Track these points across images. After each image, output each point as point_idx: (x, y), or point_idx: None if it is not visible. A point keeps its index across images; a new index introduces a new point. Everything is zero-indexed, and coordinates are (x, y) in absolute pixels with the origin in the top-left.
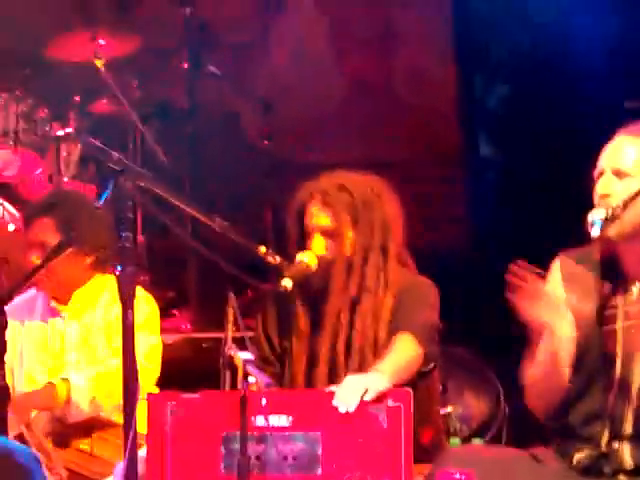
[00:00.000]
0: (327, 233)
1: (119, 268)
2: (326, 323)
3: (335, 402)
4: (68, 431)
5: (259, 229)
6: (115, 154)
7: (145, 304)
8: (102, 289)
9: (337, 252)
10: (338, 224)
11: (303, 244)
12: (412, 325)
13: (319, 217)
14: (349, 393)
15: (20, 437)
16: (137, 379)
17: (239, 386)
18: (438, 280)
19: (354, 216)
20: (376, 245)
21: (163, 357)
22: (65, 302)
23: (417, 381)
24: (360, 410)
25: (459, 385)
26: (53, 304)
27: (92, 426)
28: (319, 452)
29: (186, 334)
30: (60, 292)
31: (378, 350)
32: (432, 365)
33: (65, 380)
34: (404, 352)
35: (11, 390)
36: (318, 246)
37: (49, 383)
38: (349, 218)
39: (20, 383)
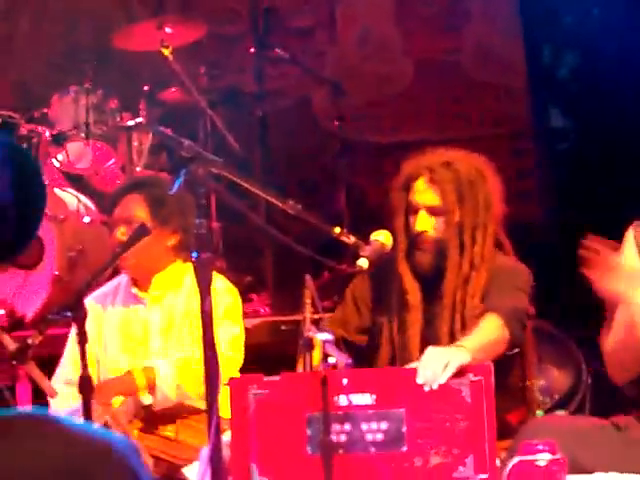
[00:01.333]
0: (433, 210)
1: (195, 255)
2: (444, 301)
3: (418, 379)
4: (153, 418)
5: (333, 211)
6: (186, 142)
7: (227, 294)
8: (183, 275)
9: (445, 230)
10: (445, 202)
11: (407, 221)
12: (501, 307)
13: (426, 194)
14: (431, 369)
15: (105, 426)
16: (217, 366)
17: (319, 367)
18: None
19: (460, 194)
20: (480, 223)
21: (244, 341)
22: (146, 288)
23: (502, 362)
24: (443, 385)
25: (541, 358)
26: (134, 290)
27: (176, 412)
28: (403, 429)
29: (265, 317)
30: (141, 273)
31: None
32: (516, 350)
33: (148, 368)
34: (489, 332)
35: (96, 381)
36: (424, 223)
37: (128, 372)
38: (455, 196)
39: (105, 371)
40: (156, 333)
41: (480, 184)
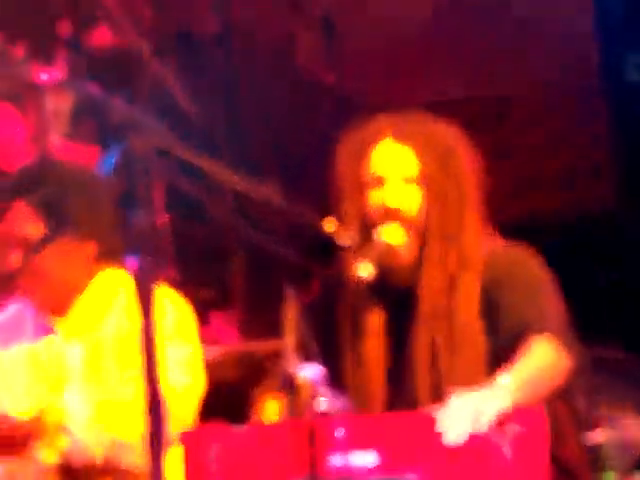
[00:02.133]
0: (408, 178)
1: (132, 260)
2: (420, 314)
3: (439, 430)
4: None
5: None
6: (121, 104)
7: (174, 307)
8: (111, 290)
9: (427, 209)
10: (423, 167)
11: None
12: (545, 324)
13: (395, 156)
14: (458, 418)
15: None
16: (162, 410)
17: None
18: (575, 251)
19: (441, 160)
20: (471, 205)
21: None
22: (62, 313)
23: (554, 399)
24: (475, 440)
25: (612, 399)
26: (43, 319)
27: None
28: None
29: (231, 346)
30: (56, 301)
31: (479, 354)
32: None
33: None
34: (543, 359)
35: None
36: (395, 195)
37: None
38: (436, 160)
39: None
40: (76, 373)
41: (463, 154)
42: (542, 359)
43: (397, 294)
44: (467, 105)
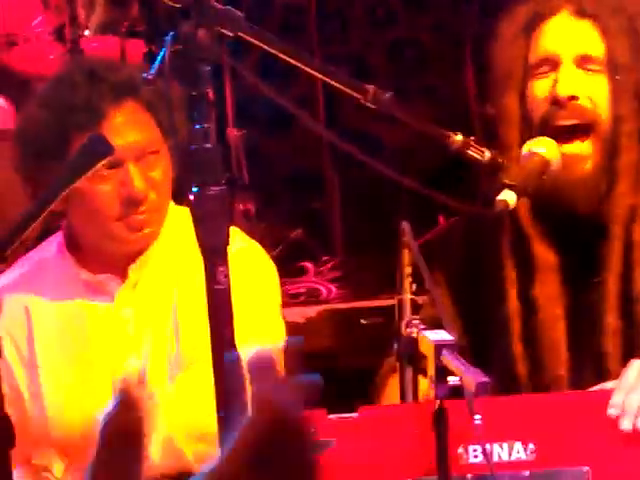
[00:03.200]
0: (590, 62)
1: (195, 190)
2: (611, 238)
3: (612, 411)
4: None
5: (455, 104)
6: None
7: (254, 264)
8: (172, 229)
9: (614, 102)
10: (612, 48)
11: (524, 94)
12: None
13: (574, 31)
14: (638, 393)
15: None
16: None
17: (431, 393)
18: None
19: (635, 41)
20: None
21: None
22: (115, 267)
23: None
24: None
25: None
26: (85, 275)
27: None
28: None
29: (330, 304)
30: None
31: None
32: None
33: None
34: None
35: (18, 419)
36: (572, 81)
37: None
38: (627, 43)
39: (38, 406)
40: (134, 342)
41: None
42: None
43: (576, 224)
44: None
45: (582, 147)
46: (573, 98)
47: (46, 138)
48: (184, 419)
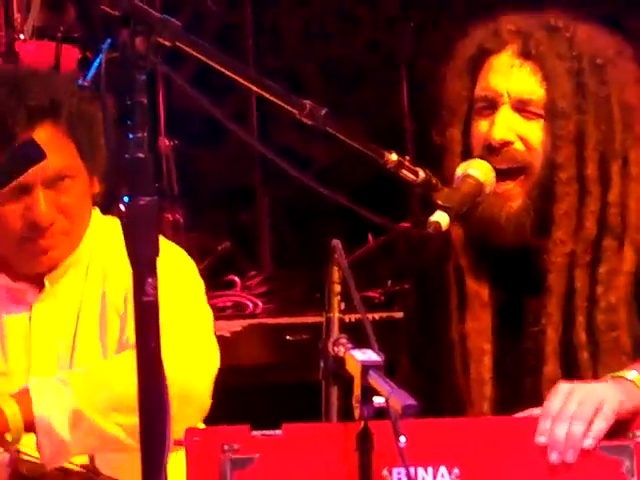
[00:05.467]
0: (527, 107)
1: (126, 200)
2: (550, 287)
3: (539, 438)
4: None
5: (389, 120)
6: None
7: (172, 264)
8: (94, 241)
9: (551, 147)
10: (552, 92)
11: (467, 130)
12: None
13: (515, 74)
14: (566, 421)
15: None
16: (165, 398)
17: (355, 414)
18: None
19: (579, 87)
20: (618, 151)
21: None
22: (33, 279)
23: None
24: (587, 452)
25: None
26: (6, 282)
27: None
28: None
29: (255, 319)
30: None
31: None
32: None
33: (21, 393)
34: None
35: None
36: (505, 127)
37: None
38: (571, 86)
39: None
40: (49, 352)
41: (615, 76)
42: None
43: (508, 258)
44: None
45: (512, 186)
46: (506, 144)
47: None
48: (99, 391)
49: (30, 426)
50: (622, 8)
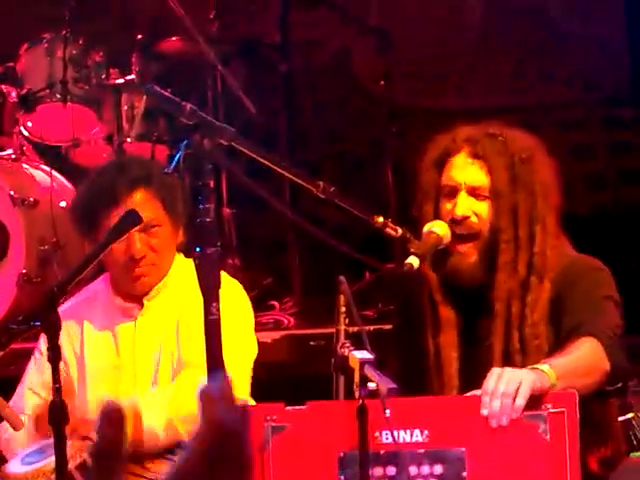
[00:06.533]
0: (478, 192)
1: (198, 250)
2: (496, 312)
3: (483, 410)
4: (142, 457)
5: (379, 195)
6: (189, 106)
7: (232, 295)
8: (179, 277)
9: (494, 220)
10: (494, 180)
11: (437, 209)
12: (595, 329)
13: (468, 170)
14: (499, 397)
15: (83, 466)
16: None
17: (356, 394)
18: (627, 258)
19: (513, 173)
20: (539, 216)
21: (260, 359)
22: (135, 297)
23: (594, 401)
24: (514, 419)
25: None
26: (119, 301)
27: (172, 450)
28: (464, 474)
29: (289, 330)
30: (148, 285)
31: (542, 349)
32: (619, 385)
33: (133, 405)
34: (583, 357)
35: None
36: (464, 206)
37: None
38: (507, 175)
39: (81, 405)
40: (148, 353)
41: (536, 165)
42: (582, 357)
43: (468, 295)
44: (514, 112)
45: (469, 247)
46: (465, 218)
47: (86, 208)
48: (181, 407)
49: (137, 428)
50: None
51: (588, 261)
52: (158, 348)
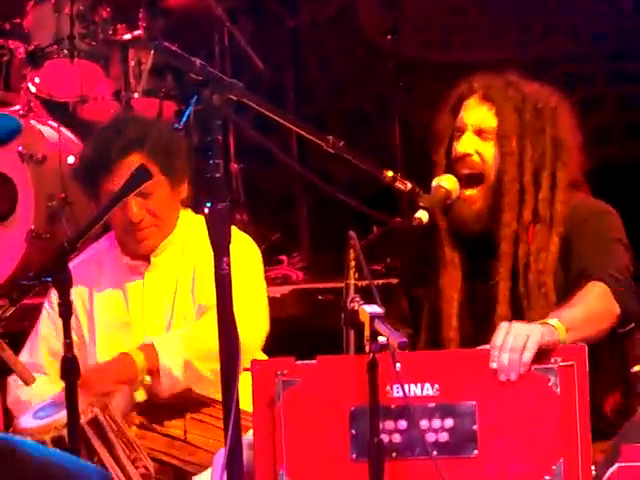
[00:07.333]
0: (483, 131)
1: (208, 205)
2: (500, 256)
3: (492, 364)
4: (155, 412)
5: (385, 149)
6: (198, 61)
7: (242, 247)
8: (187, 232)
9: (498, 161)
10: (500, 122)
11: (448, 150)
12: (603, 272)
13: (476, 111)
14: (508, 351)
15: (95, 421)
16: (237, 342)
17: (366, 348)
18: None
19: (521, 118)
20: (547, 165)
21: (270, 314)
22: (140, 254)
23: (606, 343)
24: (524, 373)
25: None
26: (127, 260)
27: (184, 405)
28: (474, 428)
29: (297, 285)
30: (152, 243)
31: (549, 299)
32: (632, 325)
33: (147, 345)
34: (593, 303)
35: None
36: (467, 144)
37: (123, 353)
38: (514, 119)
39: (93, 357)
40: (158, 308)
41: (549, 117)
42: (591, 305)
43: (474, 240)
44: (519, 64)
45: (474, 192)
46: (467, 155)
47: (85, 170)
48: (201, 345)
49: (152, 371)
50: None
51: (596, 204)
52: (169, 303)
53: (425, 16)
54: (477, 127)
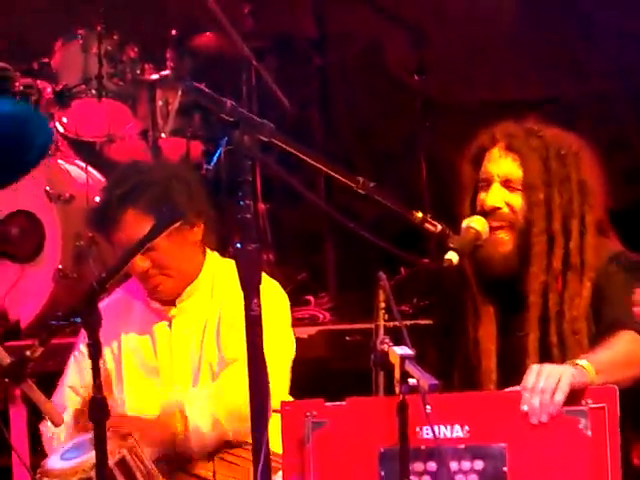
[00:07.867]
0: (510, 183)
1: (238, 246)
2: (530, 305)
3: (523, 406)
4: (188, 463)
5: (412, 189)
6: (229, 102)
7: (270, 293)
8: (215, 275)
9: (527, 211)
10: (527, 173)
11: (474, 200)
12: (634, 322)
13: (502, 162)
14: (539, 393)
15: (123, 462)
16: (267, 382)
17: (396, 390)
18: None
19: (546, 167)
20: (576, 212)
21: (297, 355)
22: (167, 300)
23: (634, 390)
24: (555, 415)
25: None
26: (155, 305)
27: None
28: (504, 469)
29: (324, 326)
30: (173, 288)
31: (583, 346)
32: None
33: (179, 406)
34: (623, 349)
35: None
36: (496, 197)
37: (164, 414)
38: (540, 168)
39: (119, 392)
40: (185, 353)
41: (572, 162)
42: (622, 350)
43: (502, 288)
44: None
45: (504, 236)
46: (496, 209)
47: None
48: (226, 404)
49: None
50: None
51: (627, 255)
52: (196, 349)
53: (451, 56)
54: (504, 178)
